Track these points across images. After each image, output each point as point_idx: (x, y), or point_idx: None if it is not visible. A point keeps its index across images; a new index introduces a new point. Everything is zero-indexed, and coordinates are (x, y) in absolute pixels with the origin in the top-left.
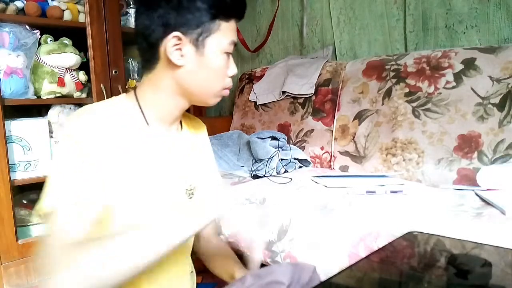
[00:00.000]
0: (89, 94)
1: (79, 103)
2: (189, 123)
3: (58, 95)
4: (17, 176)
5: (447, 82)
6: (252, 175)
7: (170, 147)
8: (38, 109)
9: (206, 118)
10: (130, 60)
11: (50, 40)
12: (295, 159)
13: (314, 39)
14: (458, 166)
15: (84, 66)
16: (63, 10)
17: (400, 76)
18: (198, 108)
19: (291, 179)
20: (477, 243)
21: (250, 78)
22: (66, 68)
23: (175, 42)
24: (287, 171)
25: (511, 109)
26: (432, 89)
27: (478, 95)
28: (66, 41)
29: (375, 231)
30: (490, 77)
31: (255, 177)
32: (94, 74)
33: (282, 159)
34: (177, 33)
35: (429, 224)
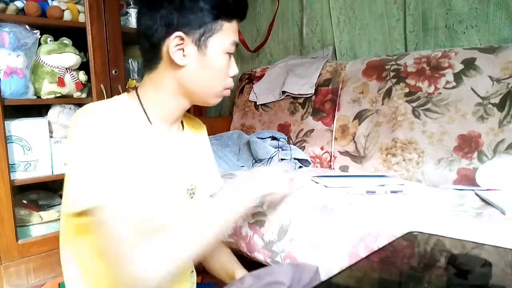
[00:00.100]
0: (89, 94)
1: (79, 103)
2: (189, 123)
3: (58, 95)
4: (17, 176)
5: (447, 82)
6: None
7: (171, 147)
8: (38, 109)
9: (206, 118)
10: (130, 60)
11: (50, 40)
12: (295, 159)
13: (314, 39)
14: (458, 166)
15: (84, 66)
16: (63, 10)
17: (400, 76)
18: (198, 108)
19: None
20: (477, 243)
21: (250, 78)
22: (66, 68)
23: (177, 42)
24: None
25: (511, 109)
26: (432, 89)
27: (478, 95)
28: (66, 41)
29: (375, 231)
30: (490, 77)
31: None
32: (94, 74)
33: (282, 159)
34: (180, 33)
35: (429, 224)
